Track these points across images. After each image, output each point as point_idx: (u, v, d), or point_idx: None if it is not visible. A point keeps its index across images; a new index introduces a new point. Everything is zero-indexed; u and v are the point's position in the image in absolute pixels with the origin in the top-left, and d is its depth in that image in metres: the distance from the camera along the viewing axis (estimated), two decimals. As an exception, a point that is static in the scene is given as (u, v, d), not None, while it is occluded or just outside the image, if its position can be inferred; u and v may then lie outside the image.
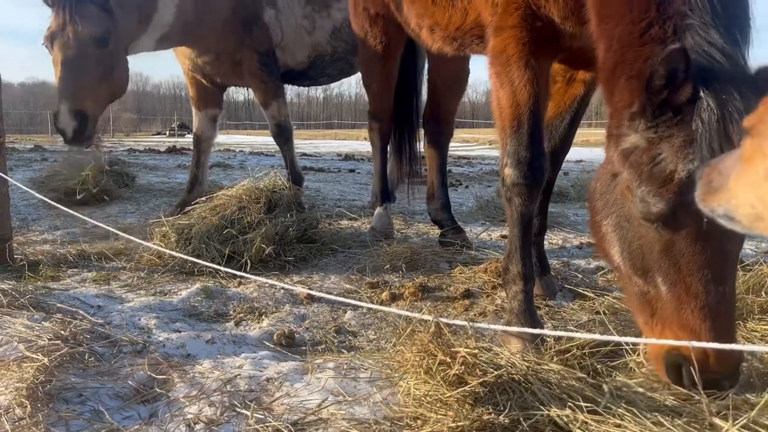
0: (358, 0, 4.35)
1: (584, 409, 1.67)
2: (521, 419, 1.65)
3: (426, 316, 1.92)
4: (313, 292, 2.90)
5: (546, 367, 1.91)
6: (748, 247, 4.11)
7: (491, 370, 1.81)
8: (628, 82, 1.82)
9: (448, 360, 1.83)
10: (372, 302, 3.05)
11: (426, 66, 4.83)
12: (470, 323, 1.81)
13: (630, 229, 1.83)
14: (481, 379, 1.76)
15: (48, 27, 4.15)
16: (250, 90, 5.52)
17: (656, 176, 1.68)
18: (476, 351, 1.85)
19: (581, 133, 4.14)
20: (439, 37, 3.34)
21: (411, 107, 4.89)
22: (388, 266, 3.65)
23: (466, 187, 8.47)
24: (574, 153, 3.69)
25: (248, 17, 4.94)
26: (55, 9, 4.10)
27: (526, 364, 1.89)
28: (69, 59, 4.09)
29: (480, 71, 4.80)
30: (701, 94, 1.62)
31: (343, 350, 2.48)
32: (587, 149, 16.22)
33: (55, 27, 4.09)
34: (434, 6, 3.17)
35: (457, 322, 1.84)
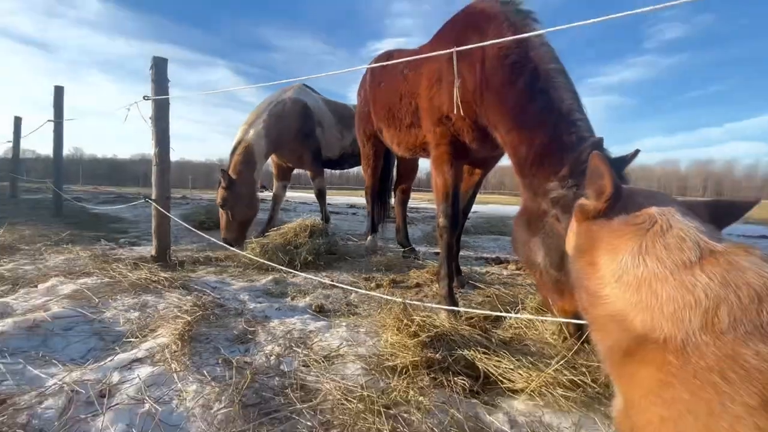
0: (359, 124, 4.38)
1: (480, 351, 1.69)
2: (448, 356, 1.66)
3: (398, 299, 1.92)
4: (333, 283, 2.89)
5: (460, 327, 1.92)
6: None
7: (432, 328, 1.82)
8: (553, 164, 1.68)
9: (409, 323, 1.84)
10: (366, 289, 3.04)
11: (395, 161, 4.91)
12: (422, 303, 1.82)
13: (553, 243, 1.65)
14: (427, 334, 1.77)
15: None
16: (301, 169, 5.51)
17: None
18: (425, 318, 1.86)
19: (477, 198, 4.09)
20: (402, 149, 3.38)
21: (387, 182, 4.91)
22: (374, 269, 3.63)
23: (416, 225, 8.48)
24: (473, 208, 3.72)
25: (307, 132, 4.99)
26: None
27: (450, 326, 1.90)
28: None
29: (424, 163, 4.83)
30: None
31: (351, 315, 2.45)
32: (481, 205, 16.39)
33: None
34: (399, 132, 3.23)
35: (415, 302, 1.85)
